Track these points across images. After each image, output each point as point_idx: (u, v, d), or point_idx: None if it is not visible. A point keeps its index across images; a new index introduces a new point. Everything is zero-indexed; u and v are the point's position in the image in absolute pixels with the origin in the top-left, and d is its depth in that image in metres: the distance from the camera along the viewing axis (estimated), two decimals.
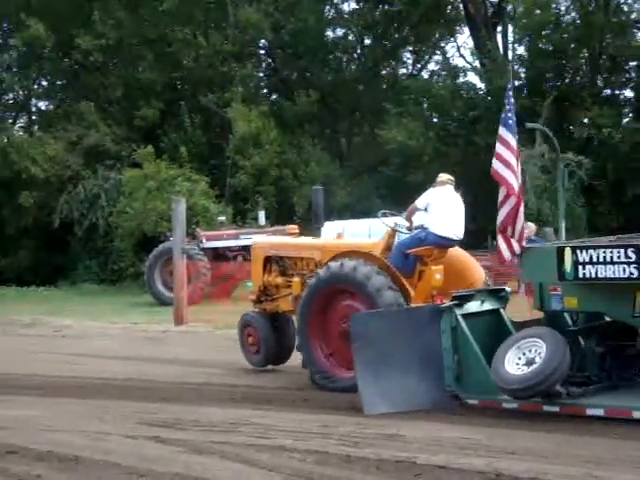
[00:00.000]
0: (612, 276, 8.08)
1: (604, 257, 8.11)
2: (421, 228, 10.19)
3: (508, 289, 9.55)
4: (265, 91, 37.19)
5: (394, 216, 10.76)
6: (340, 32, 36.04)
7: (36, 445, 7.44)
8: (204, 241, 22.93)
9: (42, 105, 38.81)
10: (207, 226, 25.32)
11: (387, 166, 31.77)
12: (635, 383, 8.69)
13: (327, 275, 10.11)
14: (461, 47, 36.52)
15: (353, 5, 35.93)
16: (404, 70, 37.22)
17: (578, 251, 8.27)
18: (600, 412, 7.96)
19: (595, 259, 8.17)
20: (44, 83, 37.64)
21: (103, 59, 33.33)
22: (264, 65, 37.70)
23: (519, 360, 8.23)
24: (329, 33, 35.79)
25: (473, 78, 32.56)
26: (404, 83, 34.12)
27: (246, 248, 19.36)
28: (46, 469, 6.70)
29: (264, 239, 12.88)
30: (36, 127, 35.18)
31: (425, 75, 36.64)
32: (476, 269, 10.65)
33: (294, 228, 12.79)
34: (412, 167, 30.21)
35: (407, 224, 10.45)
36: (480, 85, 31.70)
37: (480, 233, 22.10)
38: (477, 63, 32.05)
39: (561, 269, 8.37)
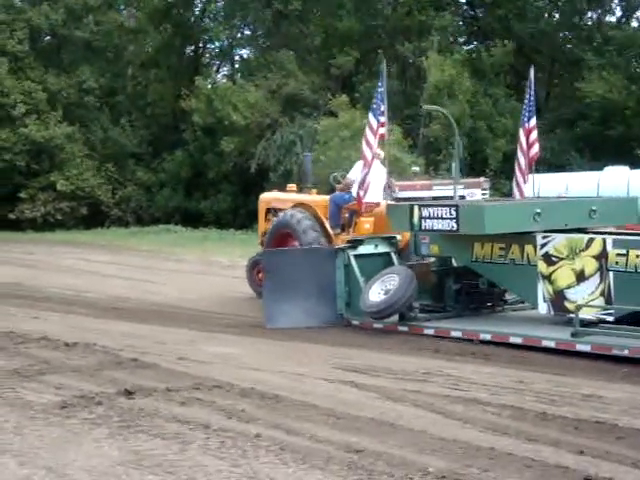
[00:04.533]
0: (441, 228, 10.32)
1: (437, 213, 10.30)
2: (348, 191, 12.86)
3: (399, 236, 11.62)
4: (462, 40, 36.57)
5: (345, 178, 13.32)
6: None
7: (239, 382, 7.80)
8: (397, 191, 22.91)
9: (244, 53, 39.99)
10: (400, 176, 25.36)
11: (585, 120, 30.68)
12: (478, 313, 10.97)
13: (278, 220, 13.26)
14: None
15: None
16: (610, 19, 35.57)
17: (422, 208, 10.51)
18: (431, 332, 10.28)
19: (432, 215, 10.35)
20: (247, 32, 38.72)
21: (303, 7, 33.79)
22: (462, 13, 37.04)
23: (381, 290, 10.51)
24: None
25: None
26: (608, 33, 32.63)
27: (438, 200, 19.31)
28: (249, 405, 7.02)
29: (267, 194, 15.47)
30: (238, 75, 36.22)
31: (633, 24, 34.83)
32: None
33: (292, 186, 14.82)
34: (613, 121, 29.01)
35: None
36: None
37: None
38: None
39: (411, 222, 10.61)
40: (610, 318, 9.28)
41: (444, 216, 10.19)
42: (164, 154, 35.82)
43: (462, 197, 20.41)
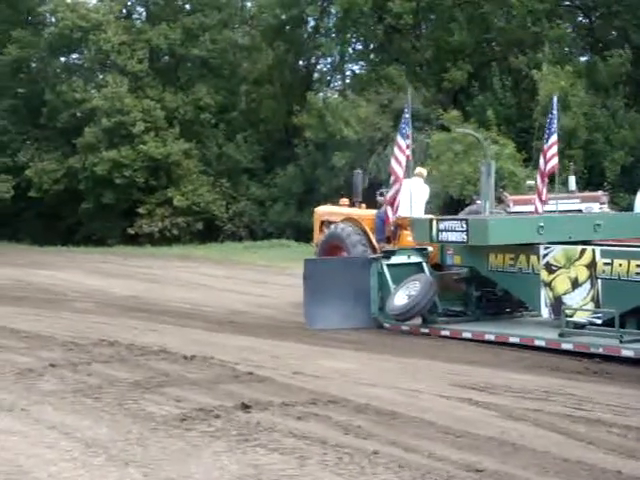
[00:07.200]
0: (454, 240, 11.47)
1: (451, 226, 11.45)
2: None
3: (430, 248, 12.46)
4: (577, 51, 35.77)
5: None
6: None
7: (355, 397, 7.78)
8: (511, 205, 22.55)
9: (356, 68, 40.08)
10: (514, 190, 24.95)
11: None
12: (497, 318, 12.04)
13: (329, 233, 14.47)
14: None
15: None
16: None
17: (440, 222, 11.72)
18: (447, 333, 11.47)
19: (447, 228, 11.49)
20: (359, 47, 38.82)
21: (414, 22, 33.69)
22: (578, 24, 36.26)
23: (405, 295, 11.60)
24: None
25: None
26: None
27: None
28: (365, 421, 6.98)
29: (322, 208, 16.71)
30: (350, 90, 36.36)
31: None
32: None
33: (345, 201, 15.86)
34: None
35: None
36: None
37: None
38: None
39: (430, 234, 11.77)
40: (598, 321, 10.25)
41: (457, 229, 11.37)
42: (277, 169, 36.22)
43: (579, 211, 19.94)
